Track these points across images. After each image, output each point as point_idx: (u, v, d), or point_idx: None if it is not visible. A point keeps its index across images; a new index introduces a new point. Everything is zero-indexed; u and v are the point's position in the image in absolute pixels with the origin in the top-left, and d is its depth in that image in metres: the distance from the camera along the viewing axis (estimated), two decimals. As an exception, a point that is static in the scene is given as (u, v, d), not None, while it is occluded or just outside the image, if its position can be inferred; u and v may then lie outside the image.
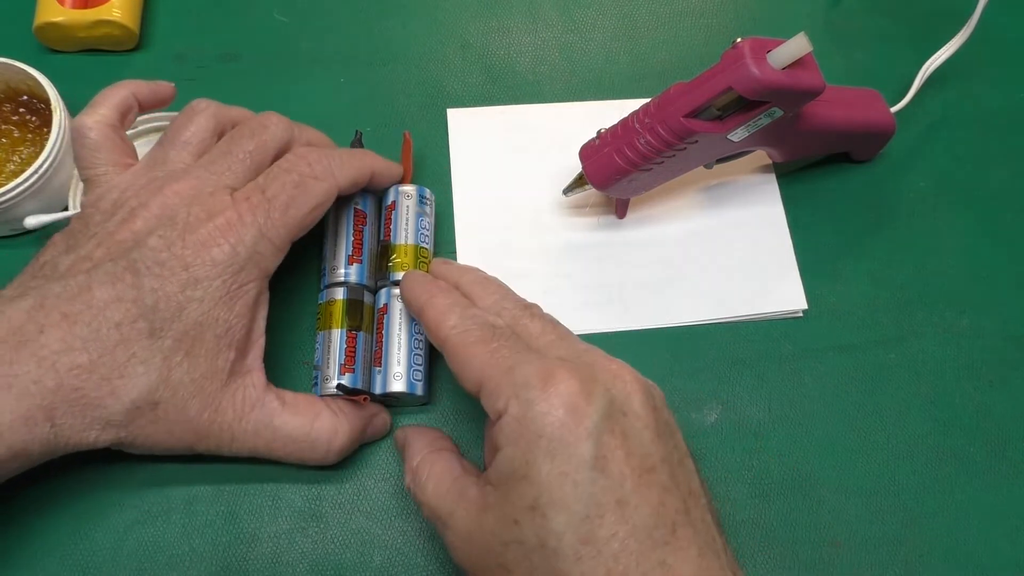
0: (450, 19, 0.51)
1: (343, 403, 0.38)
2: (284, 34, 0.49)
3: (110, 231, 0.34)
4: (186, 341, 0.33)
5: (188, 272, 0.33)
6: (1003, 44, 0.51)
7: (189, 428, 0.34)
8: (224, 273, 0.34)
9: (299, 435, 0.36)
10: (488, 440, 0.34)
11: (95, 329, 0.32)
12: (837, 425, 0.41)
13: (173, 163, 0.36)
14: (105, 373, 0.32)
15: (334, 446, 0.37)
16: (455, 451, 0.36)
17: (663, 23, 0.51)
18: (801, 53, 0.34)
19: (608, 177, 0.41)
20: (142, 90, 0.38)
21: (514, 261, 0.44)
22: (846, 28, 0.51)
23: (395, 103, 0.48)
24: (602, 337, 0.43)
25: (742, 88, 0.35)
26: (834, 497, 0.40)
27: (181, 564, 0.37)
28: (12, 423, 0.31)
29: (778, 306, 0.43)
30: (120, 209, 0.35)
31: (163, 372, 0.33)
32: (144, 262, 0.33)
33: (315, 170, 0.36)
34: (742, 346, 0.43)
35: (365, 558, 0.38)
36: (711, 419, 0.41)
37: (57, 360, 0.32)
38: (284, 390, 0.37)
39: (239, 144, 0.36)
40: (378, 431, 0.40)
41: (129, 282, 0.33)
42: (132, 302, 0.33)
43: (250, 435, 0.35)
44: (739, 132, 0.38)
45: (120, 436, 0.33)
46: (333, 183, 0.36)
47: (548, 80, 0.49)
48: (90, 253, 0.34)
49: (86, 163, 0.36)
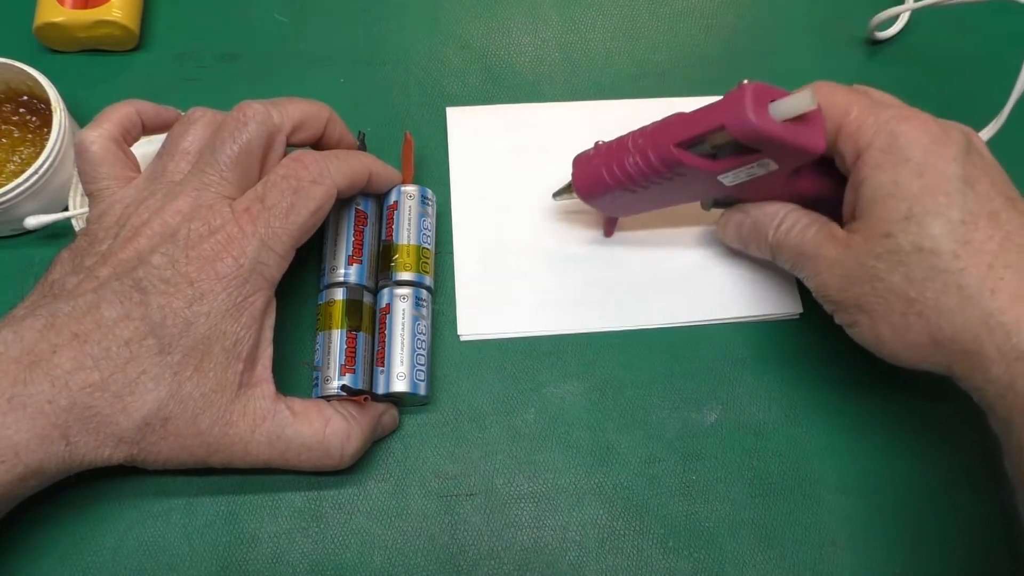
0: (450, 19, 0.51)
1: (350, 405, 0.38)
2: (284, 34, 0.49)
3: (114, 250, 0.34)
4: (195, 356, 0.33)
5: (193, 288, 0.33)
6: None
7: (201, 442, 0.34)
8: (229, 286, 0.34)
9: (312, 443, 0.36)
10: (848, 190, 0.36)
11: (105, 348, 0.32)
12: (837, 425, 0.41)
13: (172, 174, 0.36)
14: (116, 390, 0.32)
15: (348, 450, 0.37)
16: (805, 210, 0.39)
17: (663, 23, 0.51)
18: (804, 109, 0.33)
19: (592, 189, 0.40)
20: (147, 110, 0.38)
21: (511, 259, 0.44)
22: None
23: (395, 103, 0.48)
24: (599, 336, 0.43)
25: (735, 130, 0.33)
26: (834, 497, 0.40)
27: (181, 564, 0.37)
28: (28, 442, 0.31)
29: (774, 308, 0.43)
30: (123, 227, 0.35)
31: (173, 387, 0.33)
32: (149, 280, 0.33)
33: (312, 173, 0.36)
34: (742, 346, 0.43)
35: (365, 558, 0.38)
36: (711, 419, 0.41)
37: (70, 379, 0.32)
38: (293, 398, 0.37)
39: (222, 151, 0.35)
40: (387, 428, 0.40)
41: (136, 300, 0.33)
42: (140, 319, 0.33)
43: (263, 447, 0.35)
44: (730, 176, 0.37)
45: (133, 452, 0.33)
46: (331, 185, 0.36)
47: (548, 80, 0.49)
48: (96, 271, 0.34)
49: (88, 177, 0.36)
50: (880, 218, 0.34)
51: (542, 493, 0.40)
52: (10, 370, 0.32)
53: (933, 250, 0.32)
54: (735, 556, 0.39)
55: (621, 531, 0.39)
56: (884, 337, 0.34)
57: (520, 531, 0.39)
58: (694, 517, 0.39)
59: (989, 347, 0.32)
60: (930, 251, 0.33)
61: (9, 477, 0.31)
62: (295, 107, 0.38)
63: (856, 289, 0.35)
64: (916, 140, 0.34)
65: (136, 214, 0.35)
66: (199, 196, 0.35)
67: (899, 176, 0.33)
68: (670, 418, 0.41)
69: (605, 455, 0.40)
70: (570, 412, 0.41)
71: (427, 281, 0.41)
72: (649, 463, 0.40)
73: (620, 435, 0.41)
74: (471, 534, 0.39)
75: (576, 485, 0.40)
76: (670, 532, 0.39)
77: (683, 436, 0.41)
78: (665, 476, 0.40)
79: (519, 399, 0.41)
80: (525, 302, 0.43)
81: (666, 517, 0.39)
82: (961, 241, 0.32)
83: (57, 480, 0.33)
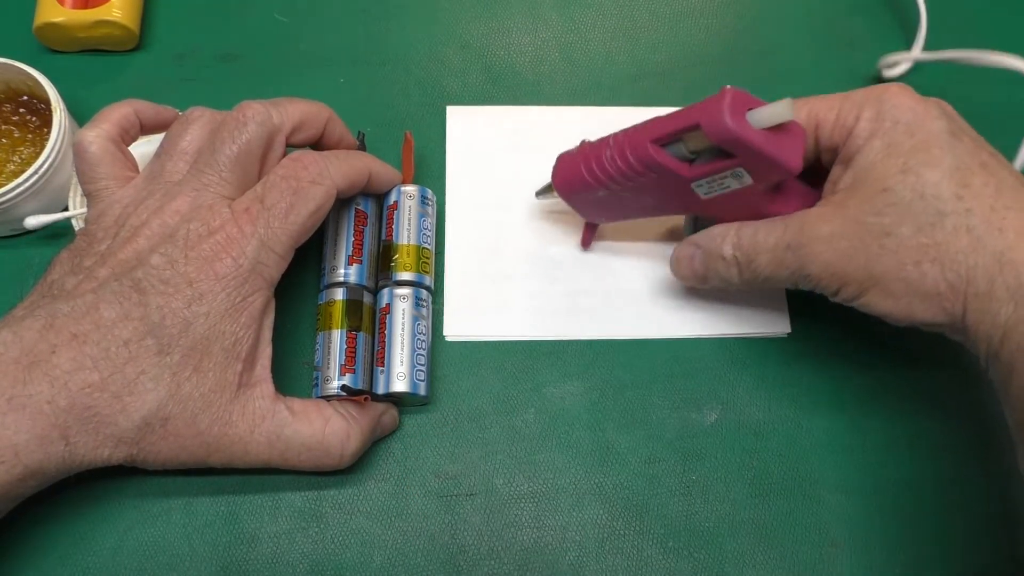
0: (450, 19, 0.51)
1: (350, 405, 0.38)
2: (284, 34, 0.49)
3: (113, 250, 0.34)
4: (194, 356, 0.33)
5: (192, 288, 0.33)
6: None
7: (200, 442, 0.34)
8: (228, 286, 0.34)
9: (312, 443, 0.36)
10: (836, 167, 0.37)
11: (104, 348, 0.32)
12: (837, 425, 0.41)
13: (170, 174, 0.36)
14: (116, 391, 0.32)
15: (347, 450, 0.37)
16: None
17: (663, 23, 0.51)
18: (781, 119, 0.33)
19: (570, 186, 0.40)
20: (146, 111, 0.38)
21: (502, 261, 0.44)
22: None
23: (395, 103, 0.48)
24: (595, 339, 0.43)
25: (708, 129, 0.33)
26: (834, 497, 0.40)
27: (181, 564, 0.37)
28: (28, 443, 0.31)
29: (763, 327, 0.43)
30: (122, 227, 0.35)
31: (172, 387, 0.33)
32: (148, 280, 0.33)
33: (311, 173, 0.36)
34: (742, 346, 0.43)
35: (365, 558, 0.38)
36: (711, 419, 0.41)
37: (69, 379, 0.32)
38: (292, 398, 0.36)
39: (222, 151, 0.35)
40: (387, 428, 0.40)
41: (135, 300, 0.33)
42: (139, 320, 0.33)
43: (263, 447, 0.35)
44: (704, 186, 0.36)
45: (132, 453, 0.33)
46: (331, 185, 0.36)
47: (548, 80, 0.49)
48: (95, 272, 0.34)
49: (87, 177, 0.36)
50: (877, 177, 0.34)
51: (542, 493, 0.40)
52: (9, 371, 0.31)
53: (936, 195, 0.33)
54: (735, 556, 0.39)
55: (621, 531, 0.39)
56: (899, 294, 0.34)
57: (520, 531, 0.39)
58: (694, 517, 0.39)
59: (1000, 287, 0.32)
60: (933, 196, 0.33)
61: (8, 477, 0.31)
62: (295, 108, 0.38)
63: (864, 253, 0.34)
64: (902, 104, 0.35)
65: (135, 214, 0.35)
66: (198, 196, 0.35)
67: (890, 138, 0.34)
68: (670, 418, 0.41)
69: (605, 455, 0.40)
70: (570, 412, 0.41)
71: (427, 281, 0.41)
72: (649, 463, 0.40)
73: (620, 435, 0.41)
74: (471, 534, 0.39)
75: (576, 485, 0.40)
76: (670, 532, 0.39)
77: (683, 436, 0.41)
78: (665, 476, 0.40)
79: (519, 399, 0.41)
80: (514, 306, 0.43)
81: (666, 517, 0.39)
82: (961, 184, 0.33)
83: (57, 480, 0.33)
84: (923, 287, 0.33)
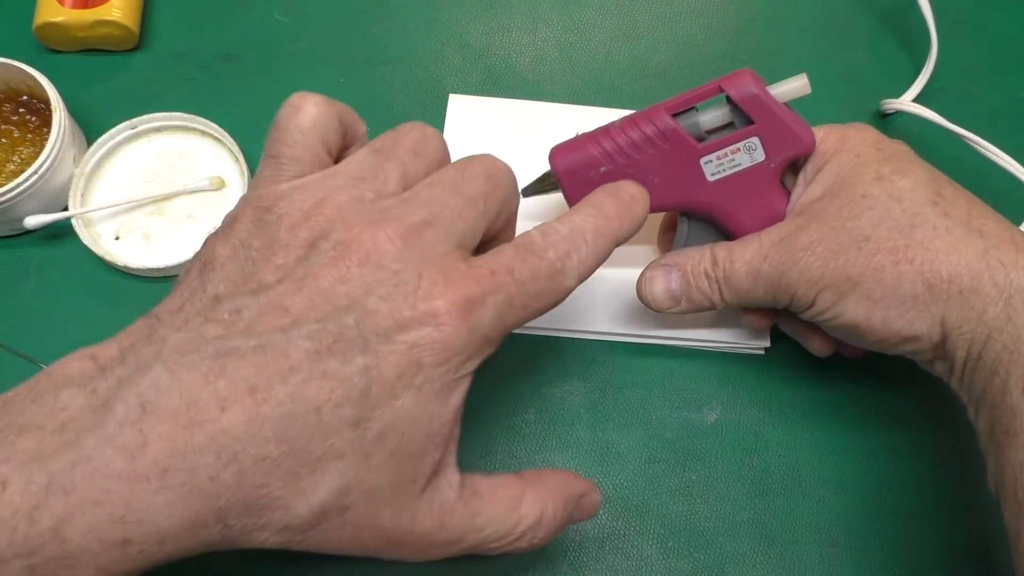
0: (450, 19, 0.51)
1: (546, 476, 0.31)
2: (284, 34, 0.49)
3: (312, 271, 0.26)
4: (392, 437, 0.26)
5: (412, 352, 0.26)
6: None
7: (379, 536, 0.27)
8: (451, 360, 0.26)
9: (505, 529, 0.29)
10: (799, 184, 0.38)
11: (289, 412, 0.25)
12: (837, 425, 0.41)
13: (383, 185, 0.28)
14: (294, 467, 0.25)
15: (539, 534, 0.30)
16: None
17: (663, 23, 0.51)
18: (801, 93, 0.36)
19: (572, 160, 0.38)
20: (347, 116, 0.32)
21: None
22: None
23: (395, 103, 0.48)
24: (599, 336, 0.43)
25: (733, 89, 0.36)
26: (834, 497, 0.40)
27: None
28: (178, 529, 0.24)
29: (741, 339, 0.42)
30: (319, 236, 0.27)
31: (360, 472, 0.26)
32: (362, 330, 0.26)
33: (566, 266, 0.29)
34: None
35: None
36: (711, 419, 0.41)
37: (241, 450, 0.24)
38: (475, 475, 0.30)
39: (455, 200, 0.28)
40: (586, 513, 0.32)
41: (340, 355, 0.25)
42: (339, 382, 0.25)
43: (453, 544, 0.29)
44: (713, 162, 0.37)
45: (296, 540, 0.27)
46: (574, 285, 0.29)
47: (548, 80, 0.49)
48: (284, 300, 0.26)
49: (288, 138, 0.29)
50: (852, 184, 0.35)
51: (542, 493, 0.39)
52: (163, 430, 0.24)
53: (912, 200, 0.34)
54: (735, 556, 0.39)
55: (621, 531, 0.39)
56: (876, 297, 0.33)
57: (520, 531, 0.39)
58: (694, 517, 0.39)
59: (987, 283, 0.32)
60: (910, 200, 0.34)
61: (144, 565, 0.25)
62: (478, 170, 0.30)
63: (843, 256, 0.34)
64: (866, 129, 0.37)
65: (341, 220, 0.27)
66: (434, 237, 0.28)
67: (860, 151, 0.36)
68: (670, 418, 0.41)
69: (605, 455, 0.40)
70: (570, 412, 0.41)
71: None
72: (649, 463, 0.40)
73: (620, 435, 0.41)
74: (471, 534, 0.38)
75: (576, 485, 0.40)
76: (670, 532, 0.39)
77: (683, 436, 0.41)
78: (665, 476, 0.40)
79: (519, 399, 0.41)
80: None
81: (666, 517, 0.39)
82: (935, 192, 0.34)
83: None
84: (900, 290, 0.33)
